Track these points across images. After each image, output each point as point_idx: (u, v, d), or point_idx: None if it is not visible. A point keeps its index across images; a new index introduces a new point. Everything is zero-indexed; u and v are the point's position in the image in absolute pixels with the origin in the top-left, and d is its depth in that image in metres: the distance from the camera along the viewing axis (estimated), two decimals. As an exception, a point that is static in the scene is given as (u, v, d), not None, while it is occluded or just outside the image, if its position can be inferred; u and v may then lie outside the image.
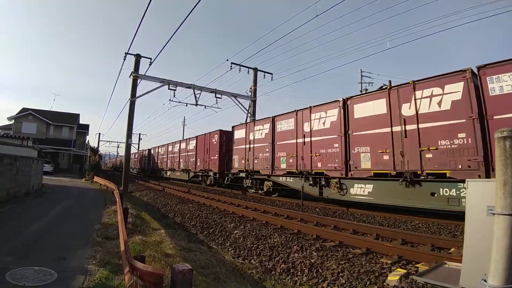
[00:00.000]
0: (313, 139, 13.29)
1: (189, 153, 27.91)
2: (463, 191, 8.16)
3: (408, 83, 9.96)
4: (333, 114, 12.43)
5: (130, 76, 22.31)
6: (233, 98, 26.05)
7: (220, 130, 22.42)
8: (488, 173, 7.94)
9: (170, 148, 34.50)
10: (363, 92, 16.14)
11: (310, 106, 13.66)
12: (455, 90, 8.75)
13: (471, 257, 2.60)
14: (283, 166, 14.88)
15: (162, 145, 38.45)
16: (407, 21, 31.30)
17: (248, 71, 27.64)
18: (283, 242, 6.87)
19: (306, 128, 13.69)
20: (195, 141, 26.68)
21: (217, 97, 25.12)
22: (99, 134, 67.49)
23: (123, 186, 21.13)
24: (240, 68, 26.99)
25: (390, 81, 33.01)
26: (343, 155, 11.75)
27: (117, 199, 9.80)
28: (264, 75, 28.01)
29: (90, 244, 6.24)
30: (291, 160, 14.44)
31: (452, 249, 6.06)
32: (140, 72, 22.31)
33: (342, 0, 13.42)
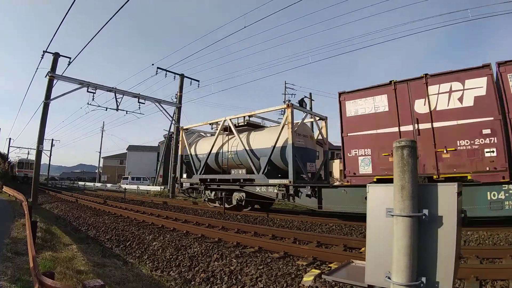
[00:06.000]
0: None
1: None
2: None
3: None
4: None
5: (46, 76, 20.06)
6: (157, 104, 25.09)
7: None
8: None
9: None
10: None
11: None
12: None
13: (373, 255, 2.80)
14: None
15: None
16: (326, 39, 33.82)
17: (175, 77, 26.96)
18: (203, 251, 6.73)
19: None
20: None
21: (140, 102, 23.92)
22: (10, 139, 60.36)
23: (32, 197, 18.90)
24: (166, 74, 26.16)
25: (310, 93, 35.10)
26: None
27: (25, 212, 8.81)
28: (191, 81, 27.63)
29: (0, 259, 5.73)
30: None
31: (363, 249, 6.54)
32: (57, 73, 20.27)
33: (269, 15, 13.98)
